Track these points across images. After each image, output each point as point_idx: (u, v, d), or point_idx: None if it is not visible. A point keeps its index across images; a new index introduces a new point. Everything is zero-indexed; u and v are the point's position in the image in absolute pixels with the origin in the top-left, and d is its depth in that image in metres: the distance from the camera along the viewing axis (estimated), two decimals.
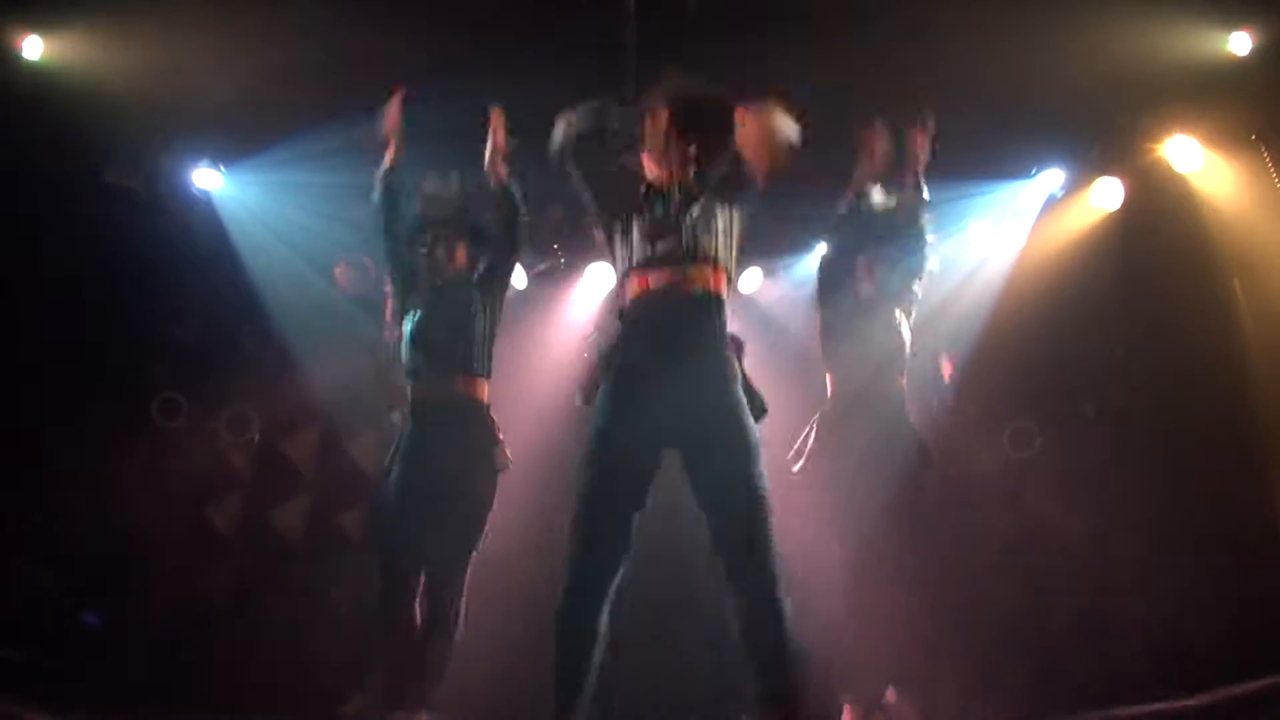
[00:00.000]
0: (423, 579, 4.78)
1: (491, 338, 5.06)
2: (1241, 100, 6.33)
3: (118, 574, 6.85)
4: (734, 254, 3.80)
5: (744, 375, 3.68)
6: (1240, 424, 6.70)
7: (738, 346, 3.75)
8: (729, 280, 3.75)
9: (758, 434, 3.56)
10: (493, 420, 4.97)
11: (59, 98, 6.23)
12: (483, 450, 4.87)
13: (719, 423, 3.54)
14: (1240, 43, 6.05)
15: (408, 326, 5.01)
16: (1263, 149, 6.36)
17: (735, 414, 3.55)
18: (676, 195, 3.79)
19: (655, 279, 3.67)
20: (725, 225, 3.78)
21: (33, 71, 6.18)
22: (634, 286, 3.71)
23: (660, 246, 3.68)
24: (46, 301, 6.70)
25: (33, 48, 6.16)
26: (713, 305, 3.66)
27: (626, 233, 3.79)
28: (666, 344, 3.59)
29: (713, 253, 3.70)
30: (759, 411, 3.65)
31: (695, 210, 3.76)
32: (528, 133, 7.02)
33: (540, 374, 7.45)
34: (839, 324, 5.45)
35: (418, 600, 4.74)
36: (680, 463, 3.64)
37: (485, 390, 5.00)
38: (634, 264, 3.73)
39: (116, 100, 6.39)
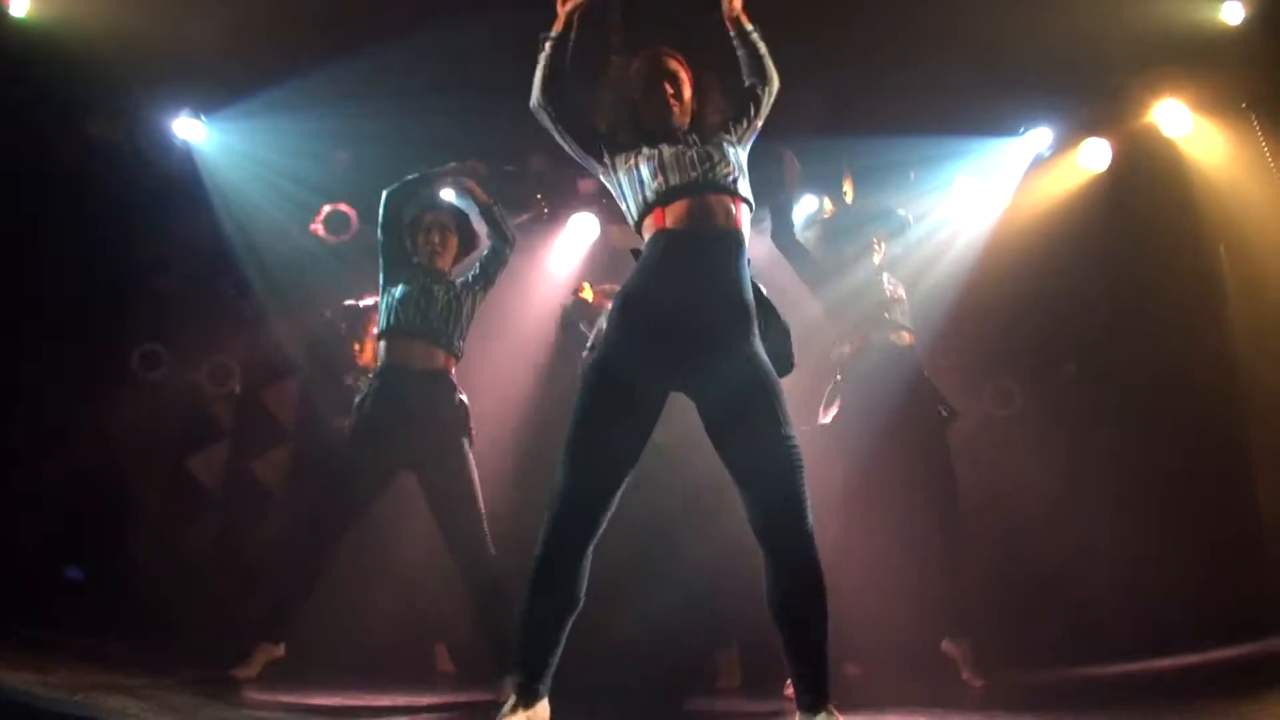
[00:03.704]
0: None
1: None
2: (1232, 68, 6.31)
3: (100, 526, 6.86)
4: (748, 185, 3.70)
5: (773, 312, 3.61)
6: (1221, 388, 6.76)
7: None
8: (750, 210, 3.67)
9: (779, 382, 3.44)
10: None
11: (45, 53, 6.14)
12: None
13: (737, 373, 3.41)
14: (1233, 12, 6.01)
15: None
16: (1252, 117, 6.35)
17: (754, 363, 3.43)
18: (680, 133, 3.76)
19: (672, 215, 3.57)
20: (735, 157, 3.71)
21: (19, 28, 6.05)
22: (650, 225, 3.62)
23: (673, 179, 3.59)
24: (27, 253, 6.61)
25: (19, 4, 6.04)
26: (733, 242, 3.55)
27: (634, 174, 3.69)
28: (683, 281, 3.47)
29: (728, 183, 3.61)
30: (785, 363, 3.57)
31: (702, 143, 3.71)
32: (517, 69, 7.01)
33: (522, 324, 7.45)
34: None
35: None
36: (698, 410, 3.52)
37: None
38: (648, 202, 3.63)
39: (100, 53, 6.29)
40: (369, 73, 6.54)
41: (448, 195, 6.18)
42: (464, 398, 5.36)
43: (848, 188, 7.40)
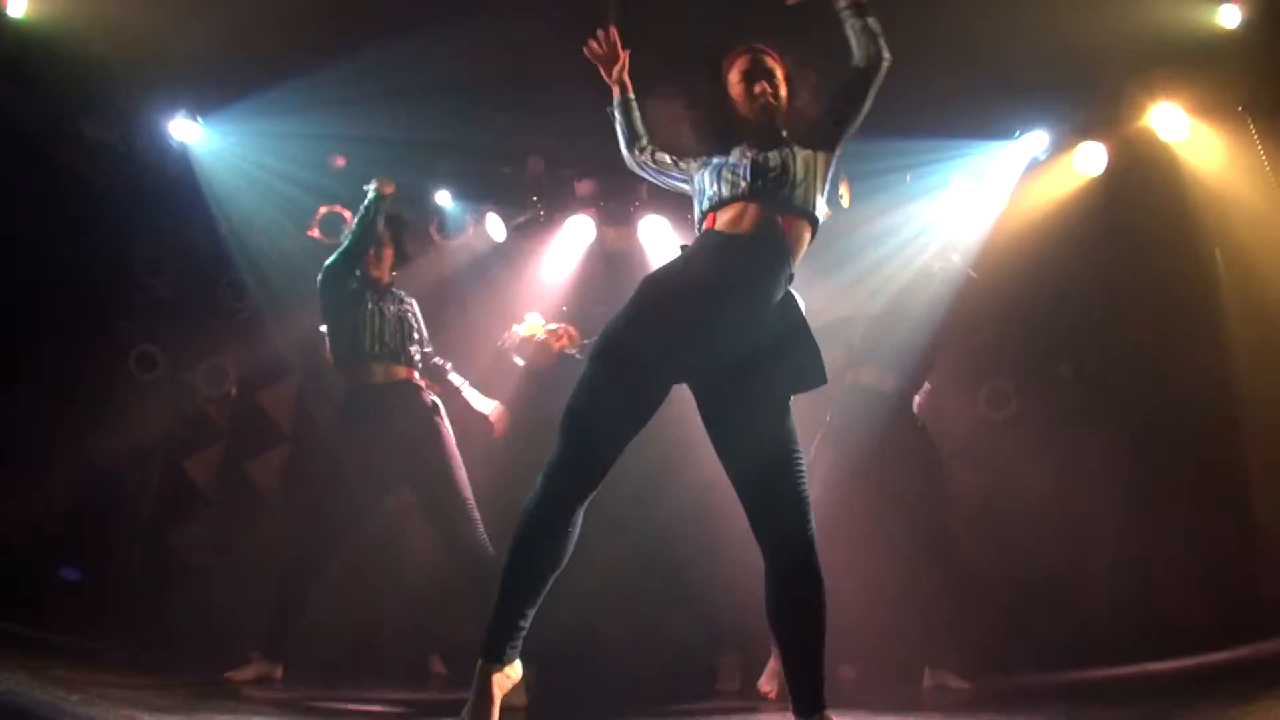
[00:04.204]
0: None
1: None
2: (1229, 71, 6.29)
3: (96, 527, 6.86)
4: (814, 199, 3.59)
5: (806, 330, 3.48)
6: (1216, 391, 6.76)
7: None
8: (810, 225, 3.59)
9: (783, 391, 3.39)
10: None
11: (41, 54, 6.13)
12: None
13: (742, 375, 3.36)
14: (1229, 15, 5.99)
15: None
16: (1249, 120, 6.35)
17: (762, 368, 3.37)
18: (760, 137, 3.68)
19: (720, 219, 3.55)
20: (806, 169, 3.57)
21: (17, 29, 6.04)
22: (703, 227, 3.62)
23: (724, 191, 3.57)
24: (23, 255, 6.61)
25: (16, 5, 6.02)
26: (770, 248, 3.48)
27: (700, 183, 3.69)
28: (704, 274, 3.45)
29: (781, 194, 3.53)
30: (815, 377, 3.45)
31: (777, 147, 3.62)
32: (514, 72, 7.01)
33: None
34: None
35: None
36: (699, 408, 3.48)
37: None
38: (703, 210, 3.64)
39: (96, 54, 6.30)
40: (365, 74, 6.51)
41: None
42: (435, 399, 5.39)
43: (844, 191, 7.40)
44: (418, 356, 5.43)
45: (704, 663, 5.94)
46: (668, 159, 3.96)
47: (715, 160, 3.70)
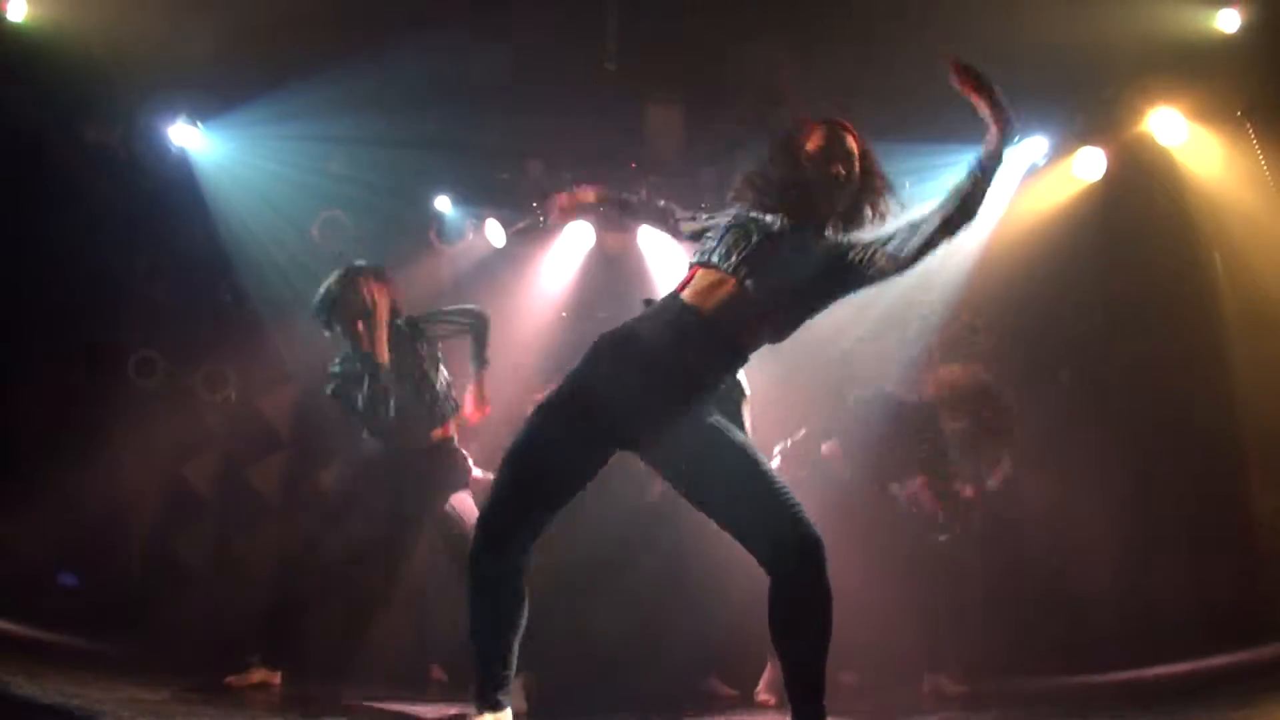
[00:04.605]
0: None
1: None
2: (1228, 76, 6.29)
3: (95, 532, 6.85)
4: (794, 312, 3.39)
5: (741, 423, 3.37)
6: (1216, 396, 6.76)
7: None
8: (772, 324, 3.38)
9: (739, 430, 3.29)
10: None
11: (42, 58, 6.15)
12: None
13: (692, 439, 3.25)
14: (1228, 19, 6.00)
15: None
16: (1248, 125, 6.35)
17: (708, 421, 3.26)
18: (796, 213, 3.45)
19: (696, 282, 3.37)
20: (811, 277, 3.35)
21: (16, 33, 6.05)
22: (681, 283, 3.42)
23: (719, 254, 3.37)
24: (23, 259, 6.61)
25: (16, 10, 6.04)
26: (724, 329, 3.30)
27: (714, 233, 3.49)
28: (652, 354, 3.28)
29: (763, 287, 3.30)
30: None
31: (789, 240, 3.39)
32: (514, 77, 7.01)
33: (516, 332, 7.46)
34: None
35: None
36: (668, 480, 3.44)
37: None
38: (692, 258, 3.47)
39: (97, 58, 6.32)
40: (365, 79, 6.52)
41: None
42: (461, 452, 5.34)
43: None
44: (451, 407, 5.34)
45: (704, 670, 5.94)
46: (695, 226, 3.80)
47: (742, 216, 3.50)
